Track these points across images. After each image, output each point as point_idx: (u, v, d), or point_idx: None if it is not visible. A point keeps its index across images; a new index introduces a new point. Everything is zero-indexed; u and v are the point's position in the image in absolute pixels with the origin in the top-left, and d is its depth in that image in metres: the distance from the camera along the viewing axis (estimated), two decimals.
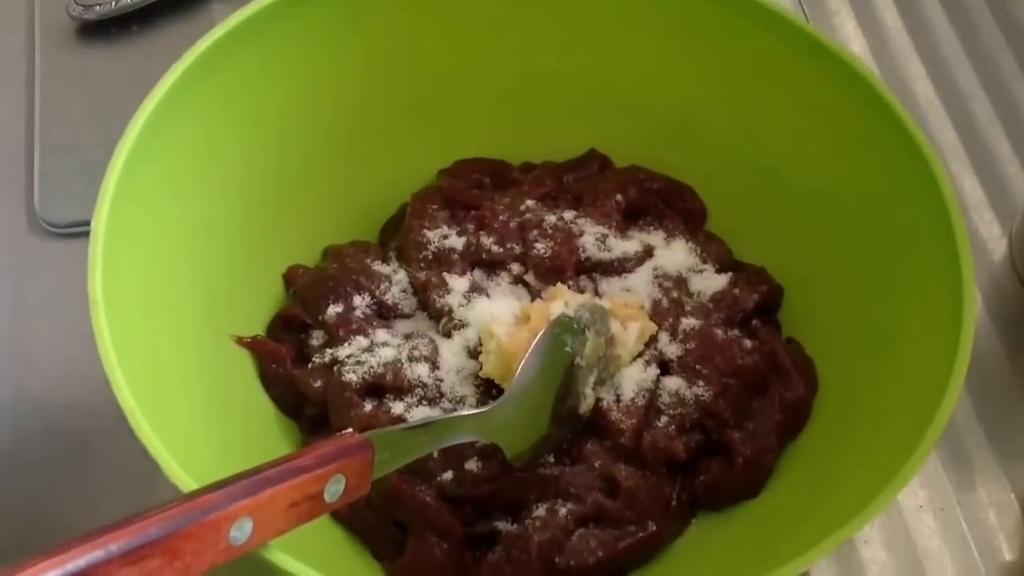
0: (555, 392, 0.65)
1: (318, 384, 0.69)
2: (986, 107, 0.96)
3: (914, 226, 0.66)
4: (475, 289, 0.72)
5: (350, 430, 0.54)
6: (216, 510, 0.46)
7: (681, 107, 0.78)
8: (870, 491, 0.55)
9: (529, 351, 0.64)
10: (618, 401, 0.68)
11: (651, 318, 0.71)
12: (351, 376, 0.68)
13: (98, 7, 0.94)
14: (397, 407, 0.67)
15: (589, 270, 0.73)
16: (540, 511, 0.65)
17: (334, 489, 0.51)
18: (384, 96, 0.77)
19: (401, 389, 0.67)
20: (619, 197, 0.76)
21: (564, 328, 0.65)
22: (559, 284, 0.71)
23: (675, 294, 0.72)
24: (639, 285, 0.73)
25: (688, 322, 0.71)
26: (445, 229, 0.74)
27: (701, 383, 0.68)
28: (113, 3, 0.94)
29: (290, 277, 0.75)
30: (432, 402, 0.68)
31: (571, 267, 0.72)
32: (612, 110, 0.80)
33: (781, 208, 0.76)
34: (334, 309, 0.71)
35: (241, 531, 0.47)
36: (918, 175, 0.65)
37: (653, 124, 0.79)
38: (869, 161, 0.69)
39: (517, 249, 0.73)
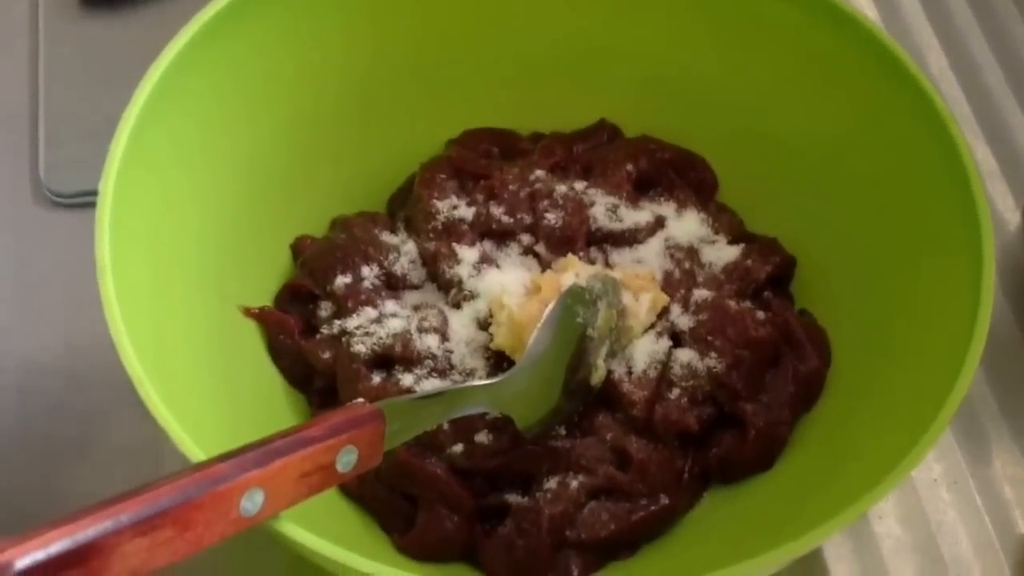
0: (567, 363, 0.65)
1: (326, 355, 0.69)
2: (999, 78, 0.95)
3: (932, 196, 0.65)
4: (485, 260, 0.71)
5: (361, 400, 0.54)
6: (227, 480, 0.45)
7: (692, 75, 0.77)
8: (885, 465, 0.54)
9: (541, 321, 0.63)
10: (630, 373, 0.68)
11: (663, 289, 0.70)
12: (360, 347, 0.67)
13: None
14: (406, 379, 0.66)
15: (600, 241, 0.73)
16: (551, 484, 0.65)
17: (346, 460, 0.51)
18: (392, 65, 0.76)
19: (410, 360, 0.67)
20: (630, 167, 0.75)
21: (576, 299, 0.65)
22: (570, 255, 0.70)
23: (687, 265, 0.72)
24: (650, 256, 0.72)
25: (700, 293, 0.70)
26: (454, 199, 0.74)
27: (713, 355, 0.68)
28: None
29: (298, 247, 0.74)
30: (442, 374, 0.67)
31: (582, 237, 0.72)
32: (621, 79, 0.79)
33: (793, 178, 0.75)
34: (342, 280, 0.70)
35: (252, 502, 0.46)
36: (937, 144, 0.64)
37: (663, 93, 0.78)
38: (886, 130, 0.68)
39: (527, 219, 0.72)
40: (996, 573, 0.71)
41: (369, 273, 0.71)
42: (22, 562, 0.38)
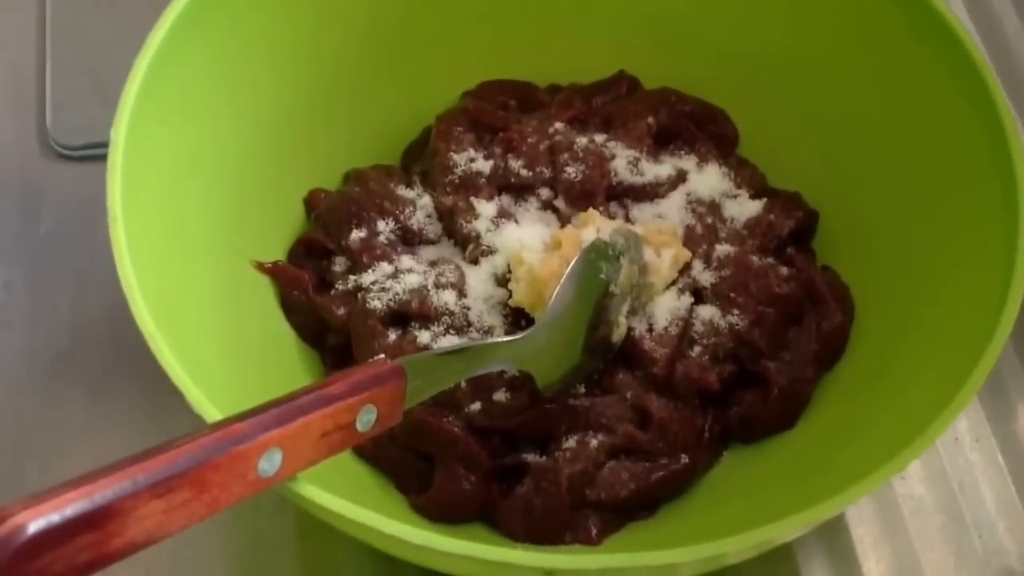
0: (588, 320, 0.64)
1: (341, 311, 0.68)
2: (1017, 28, 0.93)
3: (962, 148, 0.63)
4: (503, 214, 0.70)
5: (382, 356, 0.53)
6: (246, 440, 0.44)
7: (712, 25, 0.75)
8: (913, 428, 0.53)
9: (564, 277, 0.62)
10: (651, 330, 0.67)
11: (684, 244, 0.69)
12: (376, 303, 0.66)
13: None
14: (423, 336, 0.65)
15: (621, 195, 0.71)
16: (570, 443, 0.64)
17: (366, 419, 0.50)
18: (407, 14, 0.74)
19: (427, 317, 0.66)
20: (650, 120, 0.74)
21: (599, 254, 0.64)
22: (590, 209, 0.69)
23: (709, 220, 0.71)
24: (672, 211, 0.71)
25: (722, 249, 0.69)
26: (472, 152, 0.72)
27: (736, 312, 0.67)
28: None
29: (311, 201, 0.73)
30: (459, 331, 0.66)
31: (602, 192, 0.71)
32: (639, 28, 0.77)
33: (816, 131, 0.74)
34: (357, 234, 0.69)
35: (270, 463, 0.45)
36: (970, 93, 0.63)
37: (682, 43, 0.77)
38: (915, 80, 0.67)
39: (547, 173, 0.71)
40: (1019, 533, 0.70)
41: (384, 227, 0.70)
42: (35, 525, 0.37)
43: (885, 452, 0.52)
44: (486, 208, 0.70)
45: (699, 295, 0.68)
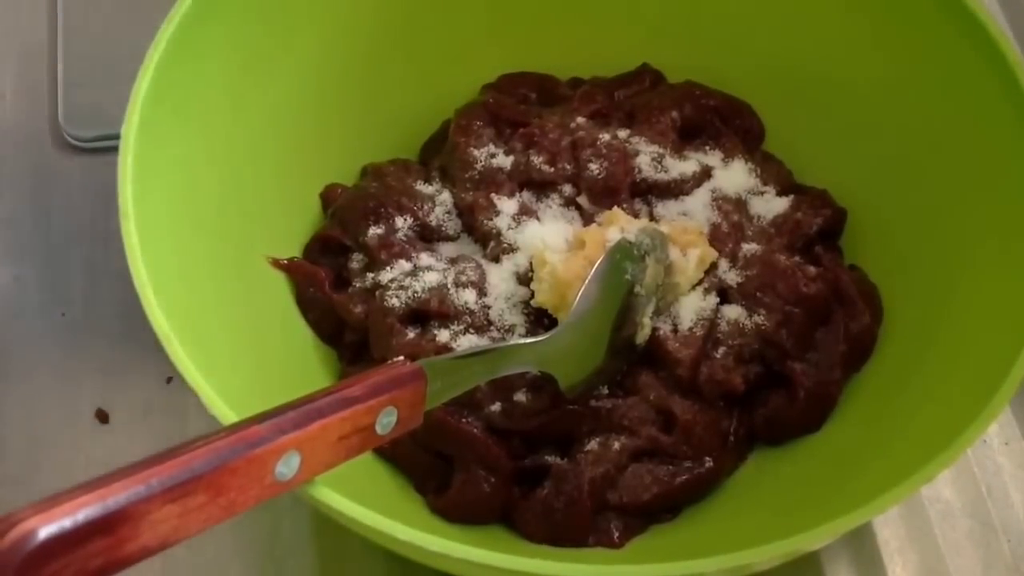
0: (613, 322, 0.63)
1: (359, 310, 0.67)
2: None
3: (993, 142, 0.62)
4: (524, 211, 0.69)
5: (401, 358, 0.52)
6: (263, 443, 0.43)
7: (737, 15, 0.75)
8: (943, 436, 0.52)
9: (589, 278, 0.61)
10: (675, 331, 0.66)
11: (710, 243, 0.68)
12: (394, 301, 0.65)
13: None
14: (443, 335, 0.64)
15: (645, 192, 0.70)
16: (592, 445, 0.63)
17: (386, 421, 0.49)
18: (424, 4, 0.74)
19: (447, 316, 0.65)
20: (675, 114, 0.73)
21: (624, 254, 0.63)
22: (615, 208, 0.68)
23: (735, 218, 0.69)
24: (697, 208, 0.70)
25: (749, 247, 0.68)
26: (492, 147, 0.71)
27: (762, 312, 0.66)
28: None
29: (328, 196, 0.72)
30: (480, 330, 0.65)
31: (626, 189, 0.70)
32: (662, 19, 0.76)
33: (843, 126, 0.73)
34: (375, 230, 0.68)
35: (288, 466, 0.45)
36: (1000, 85, 0.61)
37: (705, 33, 0.76)
38: (942, 72, 0.66)
39: (569, 169, 0.70)
40: None
41: (403, 224, 0.69)
42: (46, 530, 0.36)
43: (914, 461, 0.51)
44: (507, 205, 0.69)
45: (725, 295, 0.67)
